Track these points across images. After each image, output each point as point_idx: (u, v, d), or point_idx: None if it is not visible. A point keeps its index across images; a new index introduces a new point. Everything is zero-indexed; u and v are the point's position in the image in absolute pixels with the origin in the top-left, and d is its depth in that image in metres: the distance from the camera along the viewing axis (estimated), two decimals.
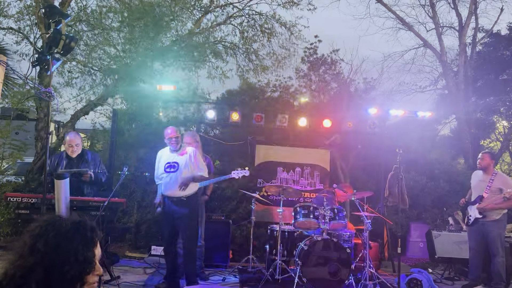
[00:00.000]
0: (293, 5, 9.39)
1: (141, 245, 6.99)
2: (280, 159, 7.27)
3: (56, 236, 1.30)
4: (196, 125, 7.66)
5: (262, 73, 9.78)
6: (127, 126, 7.27)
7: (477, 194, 5.42)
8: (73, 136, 4.96)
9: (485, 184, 5.34)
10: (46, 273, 1.24)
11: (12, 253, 1.30)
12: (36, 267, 1.24)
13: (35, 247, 1.27)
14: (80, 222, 1.37)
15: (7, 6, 7.45)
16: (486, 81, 12.88)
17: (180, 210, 4.64)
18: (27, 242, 1.29)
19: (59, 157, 4.97)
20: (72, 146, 4.87)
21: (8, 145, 7.18)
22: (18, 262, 1.27)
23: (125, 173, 4.81)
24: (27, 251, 1.27)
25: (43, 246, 1.27)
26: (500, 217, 5.23)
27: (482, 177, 5.46)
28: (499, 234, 5.24)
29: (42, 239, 1.28)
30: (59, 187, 4.05)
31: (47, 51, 3.52)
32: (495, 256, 5.20)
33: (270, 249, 5.62)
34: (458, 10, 11.66)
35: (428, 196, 7.73)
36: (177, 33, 8.60)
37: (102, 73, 8.03)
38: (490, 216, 5.25)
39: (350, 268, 4.93)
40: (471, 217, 5.41)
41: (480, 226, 5.31)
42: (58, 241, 1.29)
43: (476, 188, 5.49)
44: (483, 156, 5.46)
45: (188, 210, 4.64)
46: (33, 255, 1.26)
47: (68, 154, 4.89)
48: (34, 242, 1.28)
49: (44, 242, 1.28)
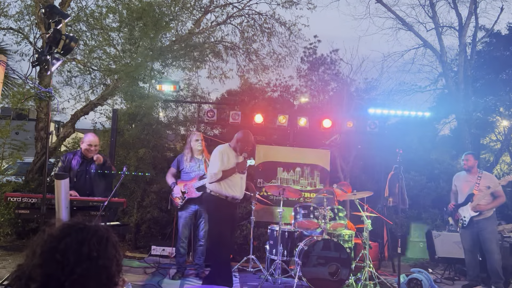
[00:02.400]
0: (293, 5, 9.38)
1: (141, 245, 6.99)
2: (280, 159, 7.26)
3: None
4: (196, 125, 7.65)
5: (262, 73, 9.78)
6: (127, 126, 7.27)
7: (465, 195, 5.47)
8: (93, 137, 4.97)
9: (472, 184, 5.43)
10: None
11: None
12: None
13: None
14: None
15: (7, 6, 7.45)
16: (486, 81, 12.88)
17: (237, 215, 4.82)
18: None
19: (73, 154, 4.98)
20: (91, 146, 4.88)
21: (8, 145, 7.17)
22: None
23: (125, 173, 4.81)
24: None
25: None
26: (492, 214, 5.34)
27: (468, 177, 5.55)
28: (493, 231, 5.33)
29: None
30: (59, 187, 4.05)
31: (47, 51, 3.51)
32: (491, 254, 5.23)
33: (270, 249, 5.62)
34: (458, 10, 11.66)
35: (428, 196, 7.73)
36: (177, 33, 8.60)
37: (102, 73, 8.03)
38: (483, 214, 5.31)
39: (350, 268, 4.93)
40: (466, 218, 5.42)
41: (475, 225, 5.35)
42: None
43: (463, 189, 5.55)
44: (468, 157, 5.58)
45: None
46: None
47: (83, 154, 4.90)
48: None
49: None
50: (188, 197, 5.27)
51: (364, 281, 5.06)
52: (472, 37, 12.09)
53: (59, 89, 8.10)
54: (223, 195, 4.55)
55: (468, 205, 5.39)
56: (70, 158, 4.94)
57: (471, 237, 5.41)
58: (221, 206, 4.56)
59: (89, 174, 4.93)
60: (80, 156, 4.95)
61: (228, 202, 4.59)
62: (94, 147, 4.90)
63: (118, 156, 6.97)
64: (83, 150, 4.91)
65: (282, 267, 5.27)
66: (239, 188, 4.67)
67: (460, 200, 5.56)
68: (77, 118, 7.94)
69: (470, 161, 5.54)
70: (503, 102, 12.36)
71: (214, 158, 4.59)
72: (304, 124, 7.20)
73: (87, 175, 4.93)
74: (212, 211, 4.69)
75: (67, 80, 7.99)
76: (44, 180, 3.83)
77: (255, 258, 5.79)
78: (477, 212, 5.29)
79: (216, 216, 4.59)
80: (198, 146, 5.39)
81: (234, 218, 4.77)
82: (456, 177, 5.80)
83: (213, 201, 4.60)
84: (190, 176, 5.34)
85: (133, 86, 7.26)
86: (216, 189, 4.56)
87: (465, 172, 5.62)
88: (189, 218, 5.34)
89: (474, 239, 5.39)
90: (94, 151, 4.92)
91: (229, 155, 4.61)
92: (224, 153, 4.58)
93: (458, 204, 5.58)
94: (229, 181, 4.57)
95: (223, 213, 4.54)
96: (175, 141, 9.16)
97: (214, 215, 4.62)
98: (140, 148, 6.89)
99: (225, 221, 4.53)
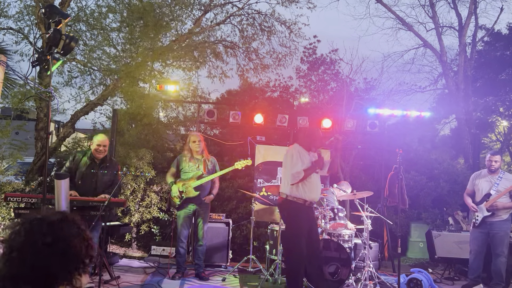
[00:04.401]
0: (292, 3, 9.36)
1: (141, 245, 6.99)
2: (280, 159, 7.21)
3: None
4: (196, 125, 7.65)
5: (262, 72, 9.77)
6: (127, 126, 7.27)
7: (483, 194, 5.37)
8: (102, 137, 4.94)
9: (492, 184, 5.31)
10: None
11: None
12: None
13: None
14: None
15: (7, 6, 7.44)
16: (486, 81, 12.89)
17: (316, 220, 4.60)
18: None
19: (82, 155, 4.91)
20: (100, 146, 4.85)
21: (8, 145, 7.17)
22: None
23: (125, 173, 4.81)
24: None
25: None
26: (507, 217, 5.22)
27: (489, 177, 5.42)
28: (506, 234, 5.22)
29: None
30: (59, 187, 4.05)
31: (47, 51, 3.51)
32: (498, 256, 5.17)
33: (270, 249, 5.62)
34: (458, 10, 11.66)
35: (428, 196, 7.73)
36: (177, 33, 8.59)
37: (102, 73, 8.03)
38: (499, 215, 5.21)
39: (350, 268, 4.93)
40: (478, 217, 5.32)
41: (488, 226, 5.25)
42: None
43: (483, 189, 5.41)
44: (497, 158, 5.41)
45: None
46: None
47: (93, 155, 4.89)
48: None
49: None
50: (186, 197, 5.27)
51: (364, 281, 5.06)
52: (472, 37, 12.09)
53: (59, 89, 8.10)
54: (301, 200, 4.25)
55: (483, 205, 5.30)
56: (78, 160, 4.89)
57: (481, 237, 5.30)
58: (299, 212, 4.25)
59: (96, 178, 4.85)
60: (89, 157, 4.90)
61: (306, 208, 4.29)
62: (103, 147, 4.87)
63: (118, 156, 6.96)
64: (93, 151, 4.88)
65: (282, 267, 5.27)
66: (317, 191, 4.40)
67: (477, 199, 5.44)
68: (77, 118, 7.93)
69: (499, 162, 5.39)
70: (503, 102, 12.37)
71: (293, 158, 4.28)
72: (304, 124, 7.20)
73: (94, 178, 4.84)
74: (288, 218, 4.34)
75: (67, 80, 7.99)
76: (44, 180, 3.83)
77: (255, 258, 5.79)
78: (490, 212, 5.22)
79: (292, 224, 4.26)
80: (196, 148, 5.39)
81: (313, 224, 4.38)
82: (476, 176, 5.61)
83: (289, 207, 4.29)
84: (189, 176, 5.34)
85: (133, 86, 7.26)
86: (294, 193, 4.25)
87: (487, 171, 5.47)
88: (187, 217, 5.33)
89: (484, 239, 5.29)
90: (104, 151, 4.89)
91: (304, 154, 4.36)
92: (300, 152, 4.32)
93: (476, 202, 5.47)
94: (307, 182, 4.27)
95: (301, 221, 4.22)
96: (175, 141, 9.16)
97: (291, 223, 4.28)
98: (140, 148, 6.89)
99: (303, 229, 4.21)
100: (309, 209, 4.37)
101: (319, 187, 4.44)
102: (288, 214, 4.36)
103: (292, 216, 4.29)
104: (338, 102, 9.14)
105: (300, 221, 4.23)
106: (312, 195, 4.31)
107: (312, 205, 4.43)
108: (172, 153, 7.99)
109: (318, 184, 4.40)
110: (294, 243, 4.23)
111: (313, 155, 4.46)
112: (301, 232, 4.20)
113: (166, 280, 5.17)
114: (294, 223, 4.25)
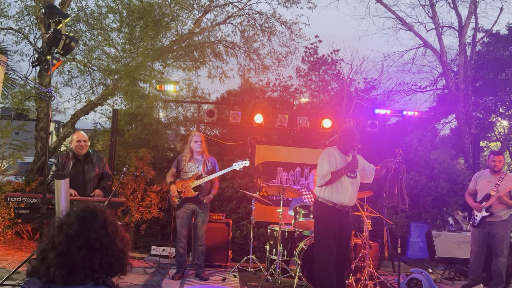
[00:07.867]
0: (293, 4, 9.37)
1: (141, 245, 6.99)
2: (280, 159, 7.26)
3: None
4: (196, 125, 7.66)
5: (262, 73, 9.77)
6: (127, 126, 7.27)
7: (483, 194, 5.37)
8: (79, 133, 5.01)
9: (493, 184, 5.30)
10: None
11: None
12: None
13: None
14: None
15: (7, 6, 7.45)
16: (486, 81, 12.89)
17: (349, 225, 4.41)
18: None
19: (65, 157, 4.96)
20: (80, 142, 4.87)
21: (8, 145, 7.18)
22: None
23: (125, 172, 4.81)
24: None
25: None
26: (507, 218, 5.21)
27: (491, 177, 5.40)
28: (506, 235, 5.21)
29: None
30: (59, 187, 4.05)
31: (47, 51, 3.52)
32: (498, 257, 5.17)
33: (270, 249, 5.62)
34: (458, 10, 11.65)
35: (428, 196, 7.72)
36: (177, 33, 8.59)
37: (102, 73, 8.03)
38: (498, 216, 5.21)
39: (350, 268, 4.93)
40: (477, 217, 5.34)
41: (487, 226, 5.25)
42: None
43: (483, 188, 5.41)
44: (501, 158, 5.40)
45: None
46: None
47: (75, 154, 4.90)
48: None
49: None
50: (184, 197, 5.28)
51: (364, 281, 5.06)
52: (472, 37, 12.09)
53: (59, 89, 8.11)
54: (330, 202, 4.23)
55: (482, 205, 5.29)
56: (62, 162, 4.88)
57: (481, 237, 5.30)
58: (328, 214, 4.23)
59: (83, 175, 4.86)
60: (73, 156, 4.92)
61: (336, 211, 4.23)
62: (83, 142, 4.89)
63: (118, 156, 6.97)
64: (75, 149, 4.90)
65: (282, 267, 5.27)
66: (349, 194, 4.26)
67: (478, 199, 5.44)
68: (77, 118, 7.94)
69: (502, 162, 5.39)
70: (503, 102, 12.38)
71: (321, 160, 4.30)
72: (304, 124, 7.20)
73: (81, 176, 4.86)
74: (317, 219, 4.39)
75: (67, 80, 8.00)
76: (44, 180, 3.83)
77: (255, 258, 5.79)
78: (488, 212, 5.23)
79: (321, 226, 4.29)
80: (197, 148, 5.39)
81: (342, 228, 4.26)
82: (479, 175, 5.60)
83: (318, 208, 4.33)
84: (188, 176, 5.34)
85: (133, 86, 7.27)
86: (324, 194, 4.27)
87: (489, 171, 5.45)
88: (186, 217, 5.33)
89: (485, 239, 5.28)
90: (85, 146, 4.91)
91: (336, 156, 4.30)
92: (331, 155, 4.29)
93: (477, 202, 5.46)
94: (338, 185, 4.23)
95: (330, 222, 4.20)
96: (175, 141, 9.17)
97: (319, 224, 4.33)
98: (140, 148, 6.89)
99: (331, 231, 4.18)
100: (341, 212, 4.27)
101: (349, 191, 4.26)
102: (316, 214, 4.44)
103: (320, 217, 4.35)
104: (338, 102, 9.15)
105: (328, 223, 4.22)
106: (340, 198, 4.22)
107: (345, 208, 4.29)
108: (172, 153, 7.99)
109: (348, 188, 4.27)
110: (320, 244, 4.27)
111: (349, 158, 4.35)
112: (328, 233, 4.19)
113: (166, 280, 5.16)
114: (322, 224, 4.28)
